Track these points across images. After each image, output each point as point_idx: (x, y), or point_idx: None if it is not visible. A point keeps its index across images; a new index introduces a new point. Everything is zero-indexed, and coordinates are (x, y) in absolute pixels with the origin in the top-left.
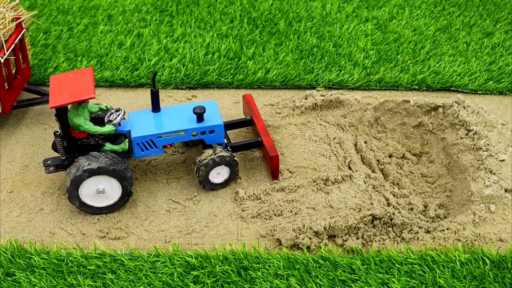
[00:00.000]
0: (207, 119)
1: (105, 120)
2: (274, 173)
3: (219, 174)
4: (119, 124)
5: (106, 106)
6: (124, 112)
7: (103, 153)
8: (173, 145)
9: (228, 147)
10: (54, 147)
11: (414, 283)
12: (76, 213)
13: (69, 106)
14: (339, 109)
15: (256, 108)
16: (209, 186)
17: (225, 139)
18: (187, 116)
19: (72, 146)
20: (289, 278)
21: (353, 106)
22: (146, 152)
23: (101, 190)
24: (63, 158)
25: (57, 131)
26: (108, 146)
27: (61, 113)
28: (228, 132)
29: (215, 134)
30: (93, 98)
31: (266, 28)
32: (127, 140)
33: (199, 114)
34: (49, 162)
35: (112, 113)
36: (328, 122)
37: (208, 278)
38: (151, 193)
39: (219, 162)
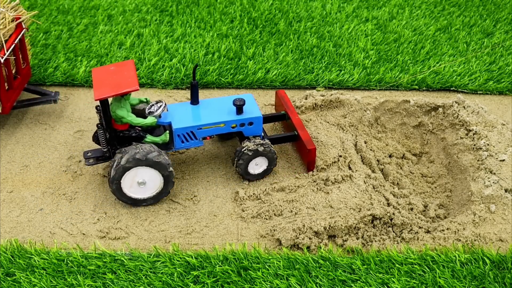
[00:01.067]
0: (246, 111)
1: (146, 112)
2: (310, 166)
3: (257, 165)
4: (160, 116)
5: (146, 99)
6: (165, 104)
7: (146, 145)
8: (212, 136)
9: (266, 139)
10: (96, 139)
11: (414, 283)
12: (76, 213)
13: (110, 99)
14: (339, 109)
15: (291, 103)
16: (247, 177)
17: (262, 132)
18: (226, 108)
19: (114, 138)
20: (289, 278)
21: (353, 106)
22: (186, 143)
23: (142, 181)
24: (105, 150)
25: (100, 123)
26: (149, 138)
27: (105, 105)
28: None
29: (254, 126)
30: (137, 90)
31: (266, 28)
32: (167, 131)
33: (239, 106)
34: (89, 154)
35: (153, 105)
36: (328, 122)
37: (208, 278)
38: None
39: (259, 153)
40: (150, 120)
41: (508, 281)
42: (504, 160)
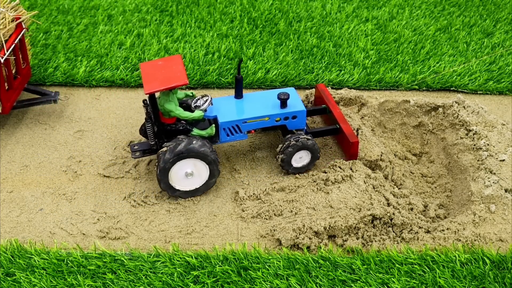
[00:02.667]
0: (290, 105)
1: (192, 106)
2: (353, 159)
3: (301, 158)
4: (205, 110)
5: (192, 93)
6: (211, 99)
7: (192, 137)
8: (256, 130)
9: (308, 133)
10: (143, 132)
11: (414, 283)
12: (76, 213)
13: (158, 93)
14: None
15: (331, 96)
16: (290, 170)
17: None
18: (270, 102)
19: (162, 131)
20: (289, 278)
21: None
22: (231, 137)
23: (190, 173)
24: (152, 143)
25: (147, 117)
26: (196, 131)
27: (153, 99)
28: None
29: (297, 120)
30: (186, 84)
31: (266, 28)
32: (213, 125)
33: (283, 100)
34: (136, 147)
35: (199, 99)
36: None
37: (208, 278)
38: (151, 193)
39: (303, 147)
40: (197, 113)
41: (508, 281)
42: (504, 160)
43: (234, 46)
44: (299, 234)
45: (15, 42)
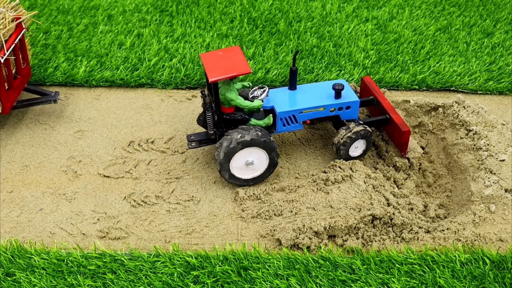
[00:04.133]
0: (344, 95)
1: (250, 96)
2: (404, 148)
3: (357, 148)
4: (262, 100)
5: (249, 84)
6: (268, 90)
7: (253, 126)
8: (310, 121)
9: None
10: (203, 122)
11: (414, 283)
12: (76, 213)
13: (219, 83)
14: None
15: (378, 88)
16: (347, 158)
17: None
18: (325, 92)
19: (221, 120)
20: (289, 278)
21: None
22: (287, 127)
23: (250, 161)
24: (211, 132)
25: (206, 107)
26: (254, 121)
27: (217, 88)
28: None
29: (351, 110)
30: (250, 73)
31: (266, 28)
32: (271, 115)
33: (338, 91)
34: (192, 137)
35: (256, 89)
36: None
37: (208, 278)
38: (151, 193)
39: (356, 137)
40: (257, 103)
41: (508, 281)
42: (504, 160)
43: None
44: (299, 234)
45: (15, 42)
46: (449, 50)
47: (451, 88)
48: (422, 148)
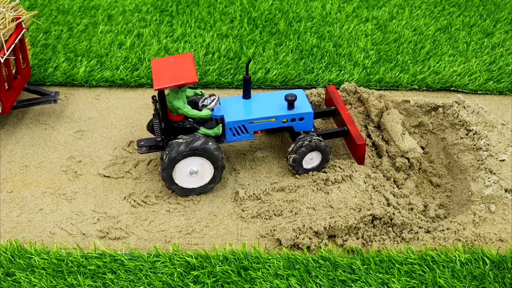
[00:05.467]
0: (297, 106)
1: (199, 105)
2: (361, 161)
3: (311, 160)
4: (212, 109)
5: (201, 92)
6: (218, 98)
7: (198, 135)
8: (262, 131)
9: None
10: (151, 128)
11: (414, 283)
12: (76, 213)
13: (167, 90)
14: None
15: (341, 98)
16: (301, 172)
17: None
18: (278, 103)
19: (169, 128)
20: (289, 278)
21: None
22: (237, 137)
23: (194, 171)
24: (159, 139)
25: (155, 113)
26: (202, 130)
27: (162, 95)
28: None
29: (304, 122)
30: (196, 82)
31: (266, 28)
32: (220, 124)
33: (291, 102)
34: (142, 143)
35: (206, 98)
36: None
37: (208, 278)
38: (151, 193)
39: (309, 150)
40: (205, 112)
41: (508, 281)
42: (504, 160)
43: (234, 46)
44: (299, 234)
45: (15, 42)
46: (449, 50)
47: (451, 88)
48: (422, 148)
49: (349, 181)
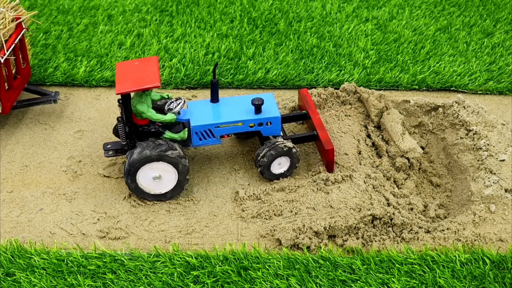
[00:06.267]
0: (265, 111)
1: (165, 109)
2: (329, 166)
3: (280, 165)
4: (179, 113)
5: (168, 95)
6: (185, 102)
7: (162, 140)
8: (230, 135)
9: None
10: (116, 132)
11: (414, 283)
12: (76, 213)
13: (132, 93)
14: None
15: (312, 102)
16: (270, 177)
17: (281, 132)
18: (245, 107)
19: (133, 132)
20: (289, 278)
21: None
22: (204, 141)
23: (157, 176)
24: (124, 143)
25: (120, 117)
26: (168, 134)
27: (126, 99)
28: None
29: (272, 126)
30: (158, 87)
31: (266, 28)
32: (186, 129)
33: (257, 106)
34: (109, 146)
35: (172, 101)
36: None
37: (208, 278)
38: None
39: (276, 155)
40: (169, 116)
41: (508, 281)
42: (504, 160)
43: (234, 46)
44: (299, 234)
45: (15, 42)
46: (449, 50)
47: (451, 88)
48: (422, 148)
49: (349, 181)
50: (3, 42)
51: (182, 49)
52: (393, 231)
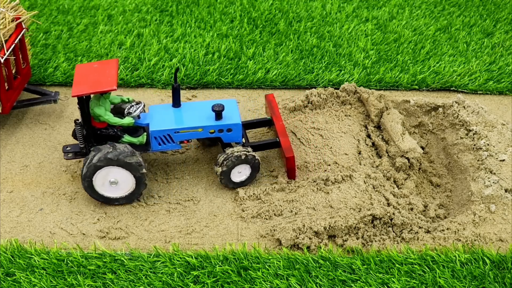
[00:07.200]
0: (226, 117)
1: (125, 112)
2: (290, 174)
3: (240, 173)
4: (139, 117)
5: (128, 98)
6: (144, 105)
7: (120, 145)
8: (190, 140)
9: (247, 146)
10: (74, 135)
11: (414, 283)
12: (76, 213)
13: (91, 96)
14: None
15: (277, 108)
16: (230, 185)
17: (243, 138)
18: (206, 113)
19: (91, 135)
20: (289, 278)
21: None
22: (163, 146)
23: (114, 181)
24: (82, 146)
25: (78, 119)
26: (126, 138)
27: (83, 102)
28: (249, 131)
29: (233, 133)
30: (115, 90)
31: (266, 28)
32: (145, 133)
33: (218, 112)
34: (68, 148)
35: (133, 105)
36: (327, 122)
37: (208, 278)
38: (151, 193)
39: (239, 161)
40: (127, 120)
41: (508, 281)
42: (504, 160)
43: (234, 46)
44: (299, 234)
45: (15, 42)
46: (449, 50)
47: (451, 88)
48: (422, 148)
49: (349, 181)
50: (3, 42)
51: (182, 49)
52: (393, 231)
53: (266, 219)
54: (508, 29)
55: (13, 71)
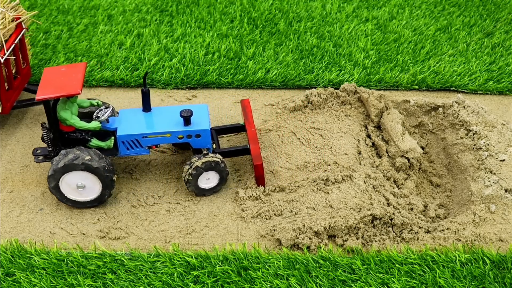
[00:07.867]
0: (195, 123)
1: (94, 116)
2: (259, 181)
3: (208, 180)
4: (107, 120)
5: (97, 102)
6: (113, 109)
7: (87, 149)
8: (159, 146)
9: (216, 153)
10: (43, 138)
11: (414, 283)
12: (76, 213)
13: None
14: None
15: (251, 114)
16: (199, 192)
17: (213, 144)
18: (175, 118)
19: (59, 138)
20: (289, 278)
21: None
22: (131, 150)
23: (81, 185)
24: (50, 149)
25: (45, 123)
26: (94, 142)
27: (48, 105)
28: (224, 136)
29: (202, 139)
30: (79, 94)
31: (266, 28)
32: (113, 137)
33: (186, 118)
34: (38, 151)
35: (101, 109)
36: (327, 122)
37: (208, 278)
38: (151, 193)
39: (207, 168)
40: (93, 124)
41: (508, 281)
42: (504, 160)
43: (234, 46)
44: (299, 234)
45: (15, 42)
46: (449, 50)
47: (451, 88)
48: (422, 148)
49: (349, 181)
50: (3, 42)
51: (182, 49)
52: (393, 231)
53: (266, 219)
54: (508, 29)
55: (13, 71)
